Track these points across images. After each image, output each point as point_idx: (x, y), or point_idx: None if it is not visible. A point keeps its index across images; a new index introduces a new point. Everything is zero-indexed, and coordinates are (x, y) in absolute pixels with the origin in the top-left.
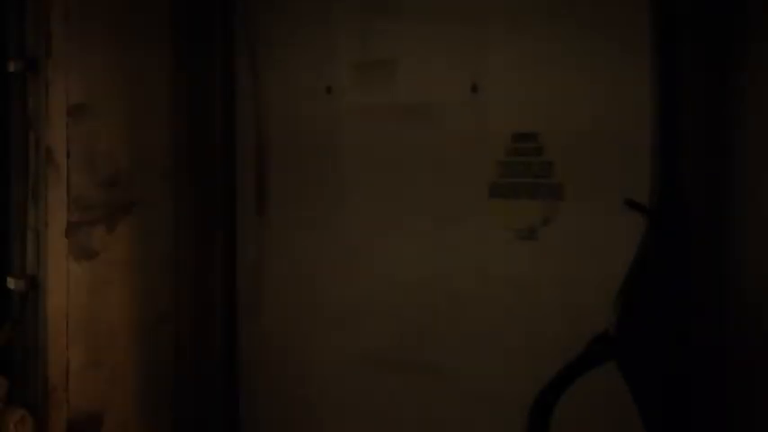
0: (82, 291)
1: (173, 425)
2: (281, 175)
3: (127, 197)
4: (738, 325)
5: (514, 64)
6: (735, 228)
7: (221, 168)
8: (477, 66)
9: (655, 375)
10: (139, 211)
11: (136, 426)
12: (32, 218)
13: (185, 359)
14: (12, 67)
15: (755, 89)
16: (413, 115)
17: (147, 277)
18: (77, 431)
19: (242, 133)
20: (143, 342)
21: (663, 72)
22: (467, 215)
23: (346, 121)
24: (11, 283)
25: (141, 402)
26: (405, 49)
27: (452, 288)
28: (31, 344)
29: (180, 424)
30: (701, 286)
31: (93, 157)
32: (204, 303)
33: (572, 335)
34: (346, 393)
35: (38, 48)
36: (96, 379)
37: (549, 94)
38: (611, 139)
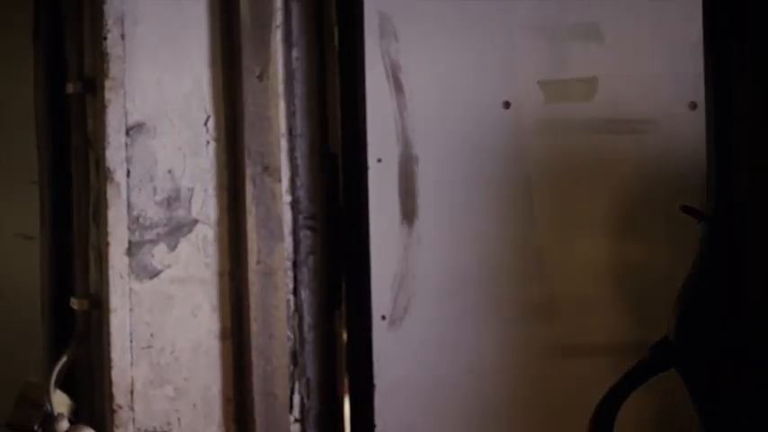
0: (144, 309)
1: None
2: (434, 188)
3: (188, 215)
4: None
5: None
6: None
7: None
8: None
9: (714, 381)
10: (200, 228)
11: None
12: (94, 237)
13: (248, 376)
14: (71, 88)
15: None
16: (615, 130)
17: (209, 295)
18: None
19: (376, 146)
20: (206, 359)
21: (715, 78)
22: None
23: (531, 136)
24: (74, 303)
25: (206, 420)
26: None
27: None
28: (95, 363)
29: None
30: (758, 292)
31: (153, 176)
32: (267, 321)
33: None
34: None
35: (95, 69)
36: (161, 397)
37: None
38: None
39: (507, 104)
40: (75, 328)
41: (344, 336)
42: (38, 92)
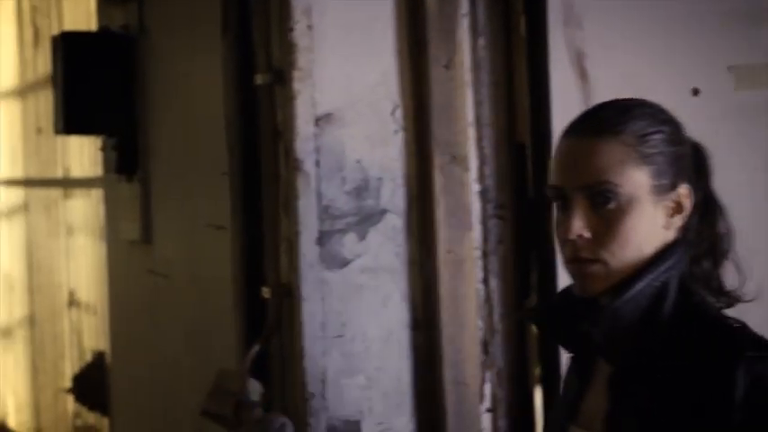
0: (335, 298)
1: None
2: None
3: (376, 205)
4: None
5: None
6: None
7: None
8: None
9: None
10: (389, 218)
11: None
12: (285, 227)
13: (439, 366)
14: (259, 80)
15: None
16: None
17: (398, 284)
18: None
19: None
20: (397, 348)
21: None
22: None
23: (720, 123)
24: (266, 292)
25: (397, 409)
26: None
27: None
28: (287, 352)
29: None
30: None
31: (342, 166)
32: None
33: None
34: None
35: (283, 60)
36: (352, 386)
37: None
38: None
39: (696, 91)
40: (266, 317)
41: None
42: (227, 84)
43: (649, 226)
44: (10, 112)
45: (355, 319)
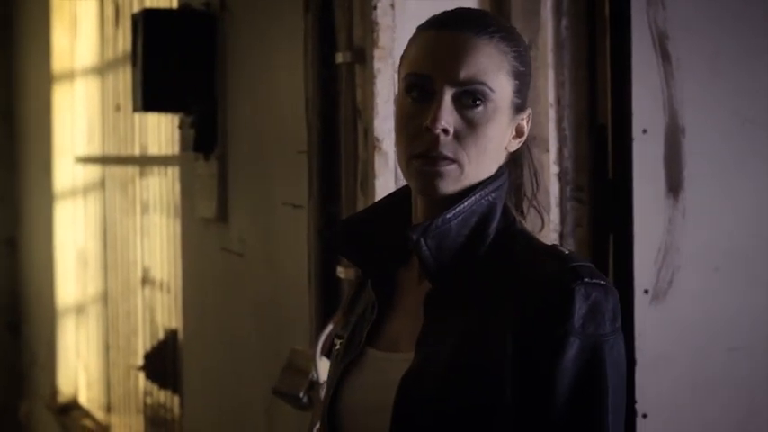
0: None
1: None
2: (701, 159)
3: None
4: None
5: None
6: None
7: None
8: None
9: None
10: None
11: None
12: (362, 207)
13: None
14: (340, 58)
15: None
16: None
17: None
18: None
19: (641, 117)
20: None
21: None
22: None
23: None
24: (340, 272)
25: None
26: None
27: None
28: None
29: None
30: None
31: None
32: None
33: None
34: None
35: (365, 39)
36: None
37: None
38: None
39: None
40: (340, 298)
41: None
42: (307, 63)
43: (501, 141)
44: (89, 89)
45: None
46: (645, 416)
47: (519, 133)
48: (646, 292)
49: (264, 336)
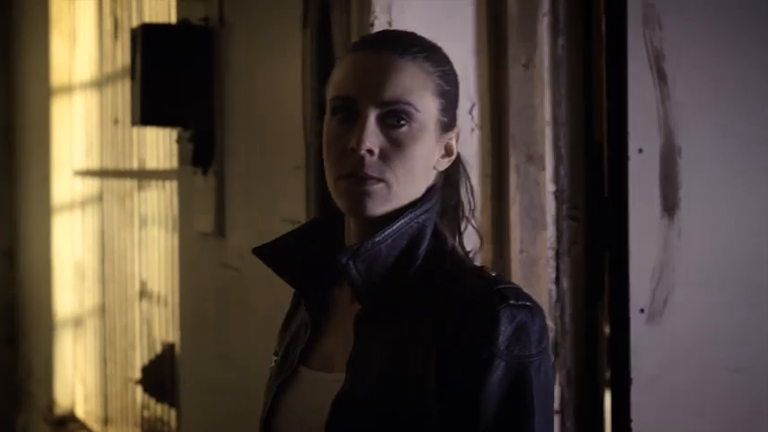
0: None
1: None
2: (697, 179)
3: None
4: None
5: None
6: None
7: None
8: None
9: None
10: None
11: None
12: None
13: None
14: None
15: None
16: None
17: None
18: None
19: (637, 136)
20: None
21: None
22: None
23: None
24: None
25: None
26: None
27: None
28: None
29: None
30: None
31: None
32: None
33: None
34: None
35: None
36: None
37: None
38: None
39: None
40: None
41: (606, 328)
42: (305, 79)
43: (429, 160)
44: (88, 103)
45: None
46: None
47: (448, 152)
48: (641, 311)
49: (261, 350)
